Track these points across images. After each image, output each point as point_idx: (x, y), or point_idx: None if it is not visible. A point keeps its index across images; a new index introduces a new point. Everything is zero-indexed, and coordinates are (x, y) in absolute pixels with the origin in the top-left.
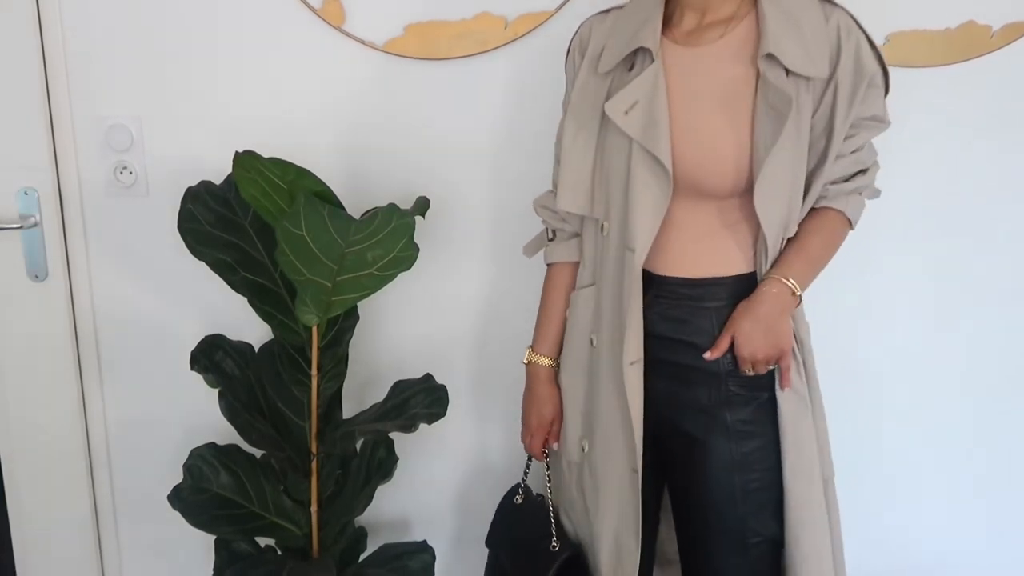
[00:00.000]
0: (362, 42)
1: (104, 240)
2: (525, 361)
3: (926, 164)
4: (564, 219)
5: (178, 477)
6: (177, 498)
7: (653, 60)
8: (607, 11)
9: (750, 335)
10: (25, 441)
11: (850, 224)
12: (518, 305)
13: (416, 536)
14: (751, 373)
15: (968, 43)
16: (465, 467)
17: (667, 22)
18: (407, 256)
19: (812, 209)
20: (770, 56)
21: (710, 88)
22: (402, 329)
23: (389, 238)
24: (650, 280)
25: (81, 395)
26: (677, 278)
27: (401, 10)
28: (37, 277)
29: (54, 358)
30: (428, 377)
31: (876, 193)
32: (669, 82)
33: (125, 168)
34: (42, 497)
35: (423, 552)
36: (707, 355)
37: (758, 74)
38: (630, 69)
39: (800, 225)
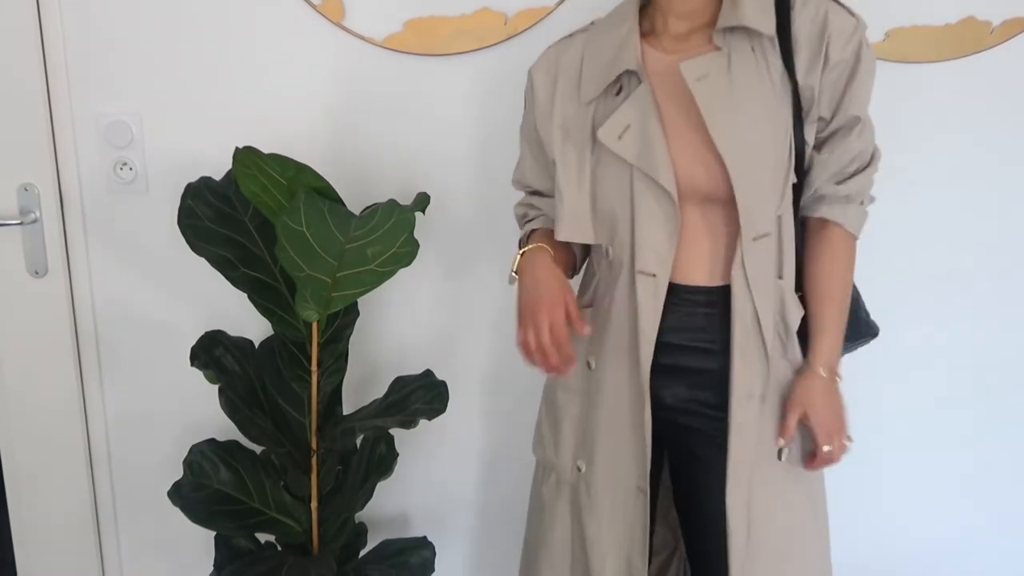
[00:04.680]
0: (362, 38)
1: (104, 236)
2: (514, 269)
3: (925, 161)
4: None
5: (178, 473)
6: (177, 494)
7: (640, 82)
8: (570, 35)
9: (821, 415)
10: (25, 437)
11: (854, 237)
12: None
13: (416, 532)
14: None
15: (968, 39)
16: (465, 463)
17: (650, 30)
18: (407, 252)
19: (811, 226)
20: (728, 30)
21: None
22: (402, 325)
23: (389, 234)
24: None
25: (81, 391)
26: (692, 286)
27: (401, 6)
28: (37, 273)
29: (54, 354)
30: (428, 373)
31: (871, 199)
32: (660, 98)
33: (125, 164)
34: (42, 493)
35: (423, 548)
36: (779, 442)
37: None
38: (617, 93)
39: (810, 263)
